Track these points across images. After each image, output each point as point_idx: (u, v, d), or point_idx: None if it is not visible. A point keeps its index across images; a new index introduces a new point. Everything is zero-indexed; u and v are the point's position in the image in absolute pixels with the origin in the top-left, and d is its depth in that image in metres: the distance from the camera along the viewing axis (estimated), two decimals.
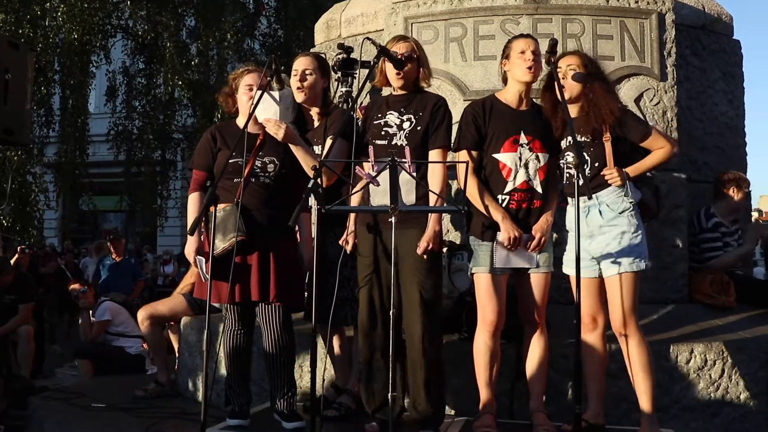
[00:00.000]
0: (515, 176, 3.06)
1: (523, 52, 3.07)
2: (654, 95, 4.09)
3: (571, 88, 3.07)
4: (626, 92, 4.04)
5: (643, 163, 3.09)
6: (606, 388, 3.21)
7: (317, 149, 3.31)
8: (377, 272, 3.07)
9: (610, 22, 4.10)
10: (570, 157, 3.03)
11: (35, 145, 13.23)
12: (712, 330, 3.81)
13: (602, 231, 3.04)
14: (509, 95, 3.16)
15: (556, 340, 3.26)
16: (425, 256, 2.98)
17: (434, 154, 3.10)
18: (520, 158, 3.06)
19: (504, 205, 3.07)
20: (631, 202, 3.03)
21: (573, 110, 3.13)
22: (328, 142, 3.17)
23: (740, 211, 4.47)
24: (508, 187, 3.07)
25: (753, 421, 3.53)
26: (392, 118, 3.14)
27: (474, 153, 3.11)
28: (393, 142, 3.09)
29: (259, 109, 3.11)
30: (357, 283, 3.25)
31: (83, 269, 11.66)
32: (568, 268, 3.15)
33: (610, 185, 3.03)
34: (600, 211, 3.04)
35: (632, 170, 3.06)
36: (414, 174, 2.95)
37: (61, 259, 11.75)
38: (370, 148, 3.10)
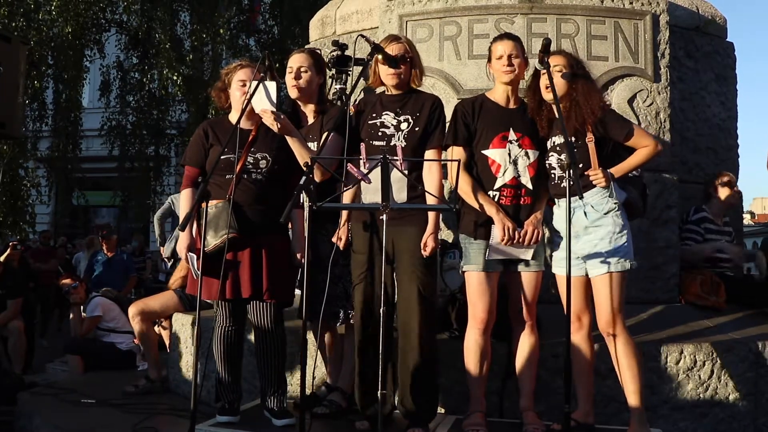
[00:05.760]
0: (504, 172, 3.07)
1: (500, 57, 3.11)
2: (647, 96, 4.10)
3: (558, 87, 3.08)
4: (619, 93, 4.06)
5: (626, 163, 3.10)
6: (595, 387, 3.22)
7: (313, 146, 3.30)
8: (372, 270, 3.07)
9: (604, 22, 4.11)
10: (554, 158, 3.05)
11: (28, 140, 13.18)
12: (701, 331, 3.82)
13: (587, 232, 3.05)
14: (497, 94, 3.18)
15: (546, 339, 3.27)
16: (426, 253, 2.99)
17: (429, 154, 3.11)
18: (509, 154, 3.07)
19: (495, 201, 3.08)
20: (615, 203, 3.03)
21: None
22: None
23: (731, 209, 4.48)
24: (498, 184, 3.08)
25: (741, 422, 3.54)
26: (388, 118, 3.14)
27: (463, 149, 3.11)
28: (391, 143, 3.09)
29: (255, 99, 3.07)
30: (347, 281, 3.25)
31: (75, 264, 11.62)
32: (557, 267, 3.17)
33: (594, 186, 3.04)
34: (585, 212, 3.04)
35: (616, 171, 3.06)
36: (405, 172, 2.95)
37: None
38: (362, 146, 3.09)
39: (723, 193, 4.38)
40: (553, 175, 3.09)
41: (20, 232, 12.38)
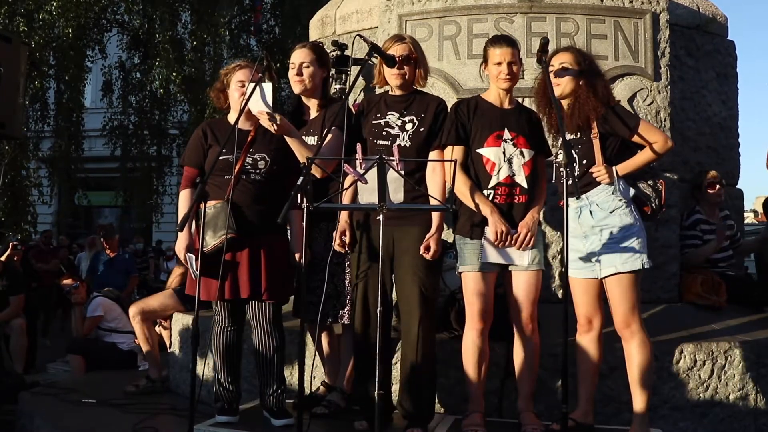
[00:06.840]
0: (499, 171, 3.06)
1: (498, 64, 3.08)
2: (647, 95, 4.09)
3: (562, 84, 3.07)
4: (620, 92, 4.04)
5: (634, 160, 3.08)
6: (596, 388, 3.21)
7: (313, 140, 3.28)
8: (372, 269, 3.06)
9: (604, 21, 4.09)
10: (560, 156, 3.04)
11: (30, 140, 13.21)
12: (702, 330, 3.81)
13: (594, 231, 3.04)
14: (492, 96, 3.18)
15: (546, 338, 3.26)
16: (428, 256, 2.99)
17: (433, 155, 3.11)
18: (504, 153, 3.06)
19: (489, 199, 3.07)
20: (621, 200, 3.02)
21: (565, 107, 3.13)
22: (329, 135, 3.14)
23: (720, 203, 4.43)
24: (492, 182, 3.07)
25: (742, 422, 3.53)
26: (393, 118, 3.14)
27: (459, 149, 3.11)
28: (396, 143, 3.09)
29: (252, 101, 3.07)
30: (339, 279, 3.24)
31: (78, 264, 11.63)
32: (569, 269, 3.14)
33: (599, 184, 3.02)
34: (591, 211, 3.03)
35: (622, 167, 3.05)
36: (402, 172, 2.94)
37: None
38: (359, 146, 3.09)
39: (709, 191, 4.34)
40: (561, 173, 3.06)
41: (22, 233, 12.40)
